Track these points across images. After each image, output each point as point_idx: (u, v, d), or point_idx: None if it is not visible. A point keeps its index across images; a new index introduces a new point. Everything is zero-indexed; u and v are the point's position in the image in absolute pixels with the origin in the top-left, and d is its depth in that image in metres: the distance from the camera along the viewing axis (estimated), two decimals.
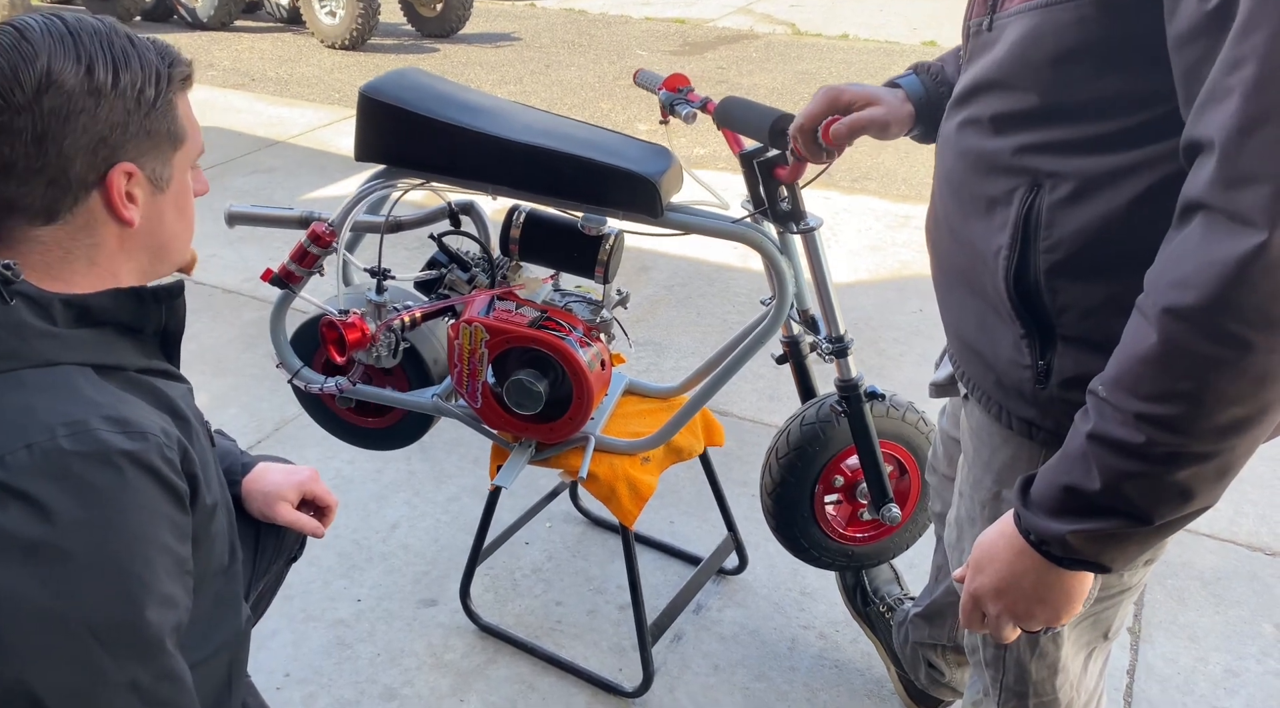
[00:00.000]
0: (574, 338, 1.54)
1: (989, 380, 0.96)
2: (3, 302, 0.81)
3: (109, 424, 0.81)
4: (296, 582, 2.07)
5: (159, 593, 0.82)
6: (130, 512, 0.80)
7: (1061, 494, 0.79)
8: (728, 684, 1.84)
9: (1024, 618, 0.87)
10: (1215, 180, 0.68)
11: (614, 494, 1.65)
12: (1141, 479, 0.75)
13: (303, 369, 1.73)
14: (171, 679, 0.84)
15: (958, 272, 0.97)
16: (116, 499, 0.80)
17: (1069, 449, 0.79)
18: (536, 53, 7.22)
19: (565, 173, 1.46)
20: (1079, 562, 0.81)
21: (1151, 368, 0.72)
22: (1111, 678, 1.85)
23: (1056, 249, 0.85)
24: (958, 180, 0.94)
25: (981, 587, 0.88)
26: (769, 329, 1.54)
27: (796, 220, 1.49)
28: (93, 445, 0.79)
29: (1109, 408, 0.75)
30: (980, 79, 0.90)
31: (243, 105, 5.63)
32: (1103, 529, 0.78)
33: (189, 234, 0.99)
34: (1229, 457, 0.73)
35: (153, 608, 0.82)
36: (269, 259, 3.54)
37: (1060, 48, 0.82)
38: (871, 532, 1.74)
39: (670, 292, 3.40)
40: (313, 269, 1.59)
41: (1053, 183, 0.84)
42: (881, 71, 6.67)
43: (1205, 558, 2.16)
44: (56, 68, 0.82)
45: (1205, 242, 0.69)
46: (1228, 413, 0.71)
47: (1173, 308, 0.70)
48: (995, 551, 0.87)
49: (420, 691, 1.82)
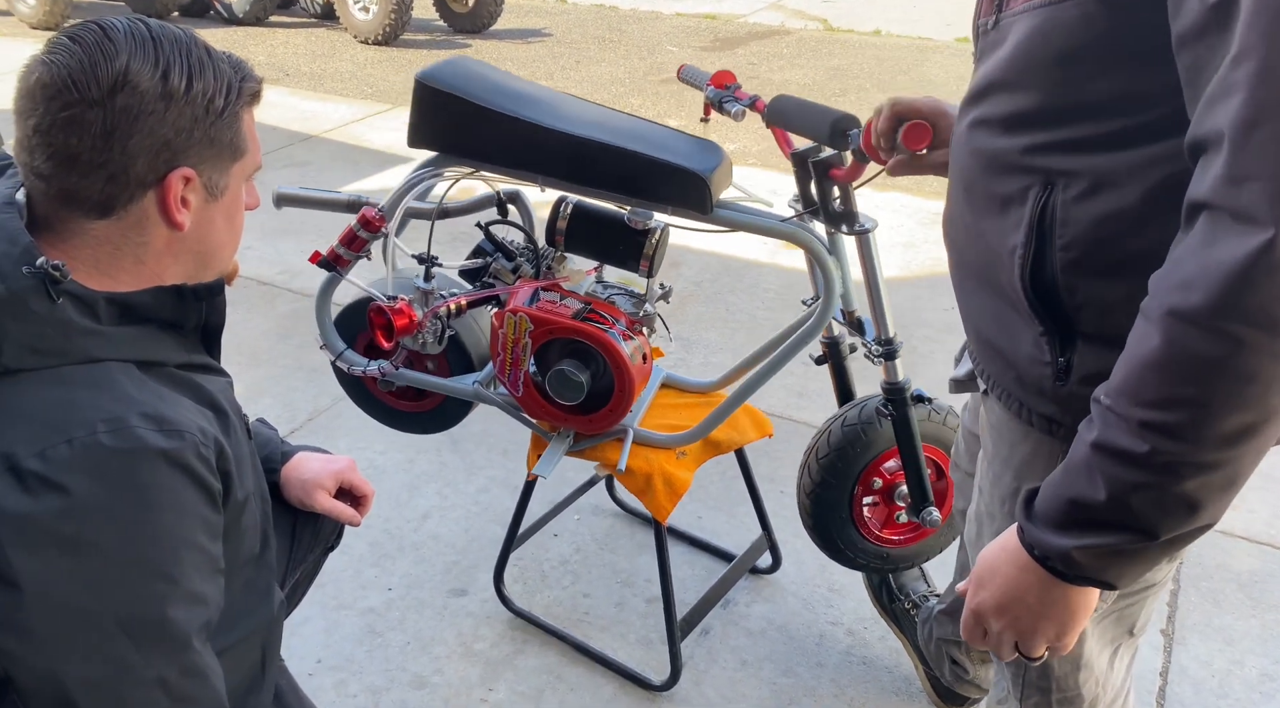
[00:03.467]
0: (617, 330, 1.55)
1: (1009, 377, 0.96)
2: (50, 300, 0.83)
3: (147, 422, 0.83)
4: (329, 570, 2.08)
5: (188, 590, 0.85)
6: (164, 511, 0.83)
7: (1066, 507, 0.77)
8: (755, 679, 1.84)
9: (1027, 634, 0.85)
10: (1219, 178, 0.66)
11: (649, 488, 1.65)
12: (1147, 491, 0.72)
13: (346, 352, 1.75)
14: (198, 675, 0.86)
15: (975, 269, 0.97)
16: (151, 497, 0.82)
17: (1073, 460, 0.77)
18: (567, 48, 7.23)
19: (616, 167, 1.46)
20: (1083, 578, 0.79)
21: (1155, 373, 0.70)
22: (1144, 680, 1.84)
23: (1072, 247, 0.84)
24: (971, 180, 0.94)
25: (984, 603, 0.87)
26: (813, 329, 1.54)
27: (850, 222, 1.48)
28: (131, 442, 0.81)
29: (1113, 416, 0.73)
30: (989, 79, 0.90)
31: (277, 100, 5.68)
32: (1108, 545, 0.76)
33: (235, 244, 1.01)
34: (1236, 466, 0.71)
35: (180, 605, 0.84)
36: (303, 252, 3.57)
37: (1065, 46, 0.81)
38: (908, 534, 1.74)
39: (699, 288, 3.41)
40: (360, 253, 1.61)
41: (1066, 181, 0.83)
42: (914, 68, 6.64)
43: (1242, 560, 2.14)
44: (134, 68, 0.84)
45: (1209, 241, 0.67)
46: (1234, 419, 0.68)
47: (1176, 310, 0.68)
48: (998, 565, 0.85)
49: (450, 679, 1.83)
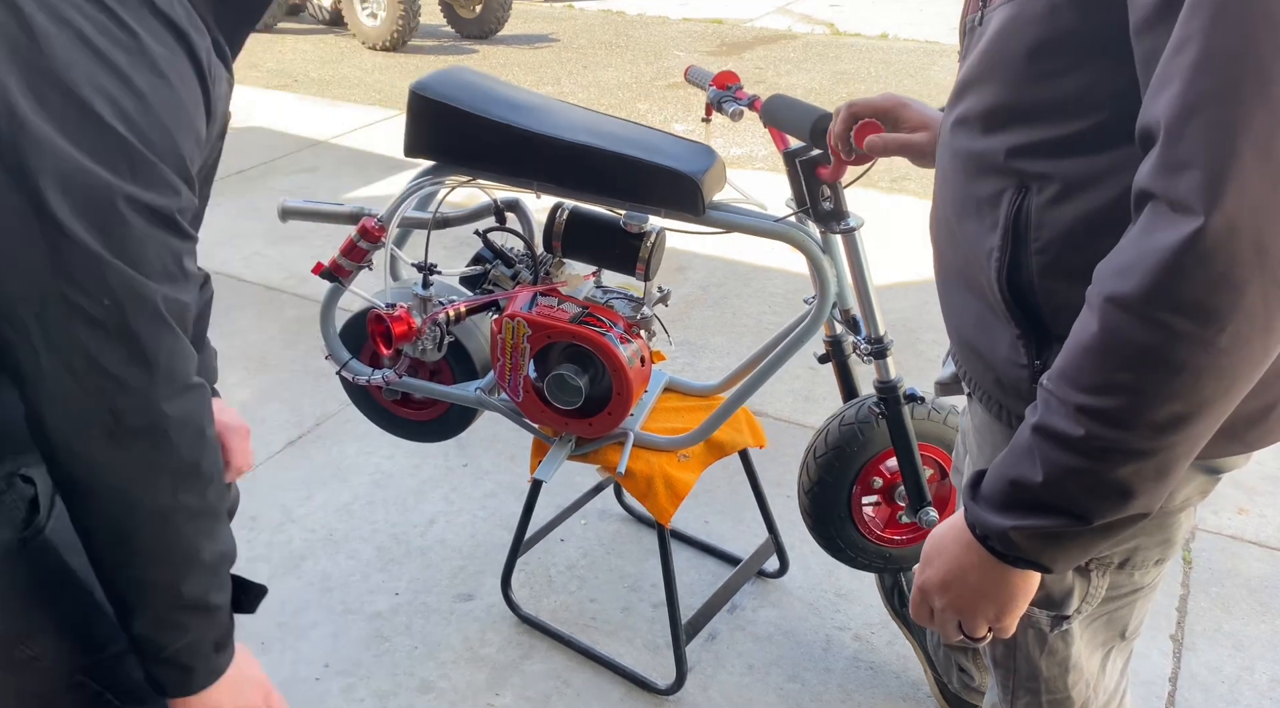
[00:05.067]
0: (614, 334, 1.55)
1: (989, 379, 0.95)
2: None
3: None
4: (336, 574, 2.10)
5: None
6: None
7: (1008, 488, 0.78)
8: (762, 684, 1.84)
9: (968, 614, 0.86)
10: (1157, 167, 0.66)
11: (651, 491, 1.65)
12: (1081, 475, 0.73)
13: (351, 361, 1.76)
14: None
15: (956, 271, 0.97)
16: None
17: (1016, 442, 0.78)
18: (574, 54, 7.25)
19: (608, 171, 1.47)
20: (1021, 559, 0.80)
21: (1092, 358, 0.71)
22: (1154, 685, 1.82)
23: (1047, 250, 0.84)
24: (951, 180, 0.94)
25: (929, 580, 0.87)
26: (810, 329, 1.54)
27: (838, 220, 1.49)
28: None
29: (1054, 400, 0.74)
30: (968, 75, 0.90)
31: (286, 106, 5.72)
32: (1043, 527, 0.76)
33: None
34: (1168, 455, 0.71)
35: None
36: (310, 258, 3.59)
37: (1034, 39, 0.80)
38: (910, 534, 1.74)
39: (705, 292, 3.41)
40: (361, 263, 1.62)
41: (1039, 185, 0.83)
42: (921, 72, 6.62)
43: (1252, 566, 2.12)
44: None
45: (1146, 229, 0.67)
46: (1166, 408, 0.68)
47: (1113, 297, 0.69)
48: (944, 544, 0.86)
49: (457, 684, 1.84)
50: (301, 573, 2.10)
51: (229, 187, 4.38)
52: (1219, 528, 2.23)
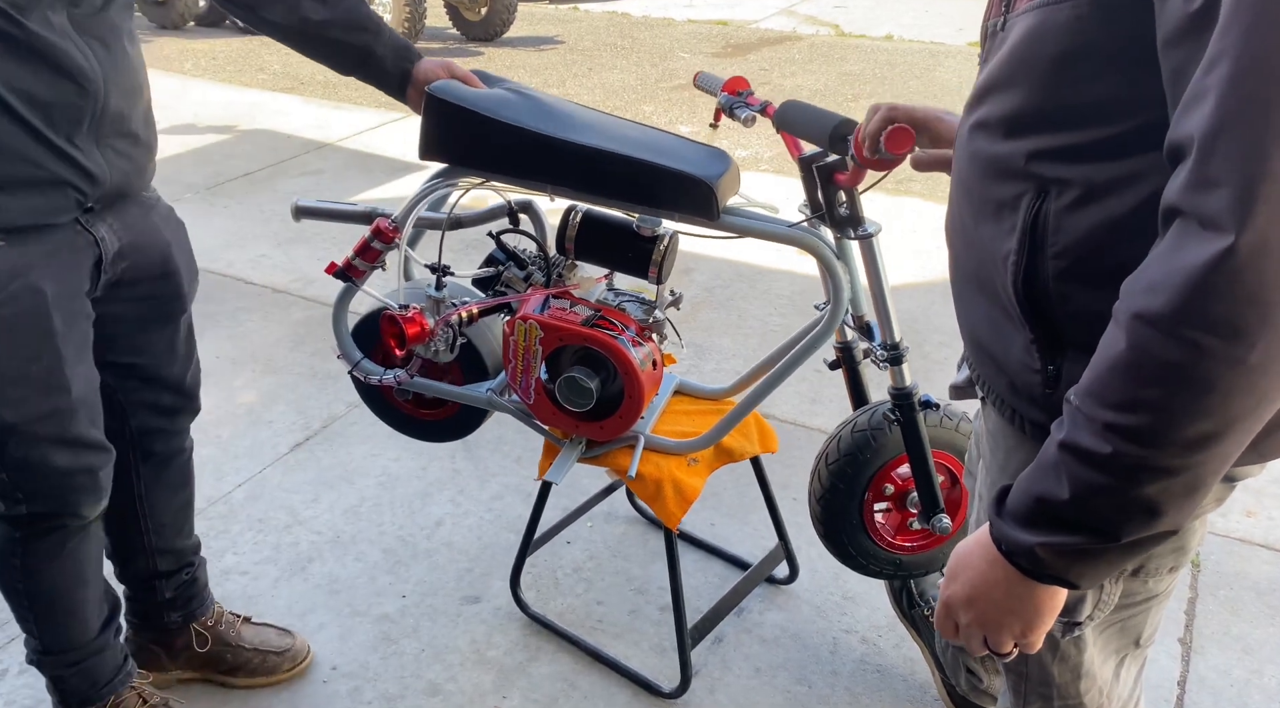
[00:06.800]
0: (626, 337, 1.55)
1: (1002, 383, 0.95)
2: None
3: None
4: (343, 577, 2.10)
5: None
6: None
7: (1033, 504, 0.77)
8: (768, 687, 1.84)
9: (993, 629, 0.85)
10: (1188, 184, 0.66)
11: (659, 495, 1.65)
12: (1108, 493, 0.72)
13: (363, 361, 1.76)
14: None
15: (971, 274, 0.97)
16: None
17: (1043, 458, 0.77)
18: (579, 56, 7.26)
19: (623, 175, 1.46)
20: (1047, 576, 0.79)
21: (1120, 376, 0.70)
22: (1162, 689, 1.82)
23: (1064, 255, 0.84)
24: (968, 183, 0.94)
25: (954, 595, 0.87)
26: (823, 334, 1.54)
27: (855, 226, 1.49)
28: None
29: (1081, 417, 0.73)
30: (990, 80, 0.90)
31: (292, 108, 5.73)
32: (1070, 544, 0.76)
33: None
34: (1197, 473, 0.71)
35: None
36: (317, 260, 3.59)
37: (1059, 48, 0.80)
38: (921, 541, 1.73)
39: (711, 294, 3.41)
40: (375, 264, 1.62)
41: (1059, 189, 0.83)
42: (926, 73, 6.62)
43: (1260, 569, 2.12)
44: None
45: (1176, 247, 0.67)
46: (1194, 426, 0.68)
47: (1141, 314, 0.69)
48: (970, 559, 0.85)
49: (464, 686, 1.84)
50: (309, 575, 2.11)
51: (235, 189, 4.39)
52: (1227, 531, 2.23)
